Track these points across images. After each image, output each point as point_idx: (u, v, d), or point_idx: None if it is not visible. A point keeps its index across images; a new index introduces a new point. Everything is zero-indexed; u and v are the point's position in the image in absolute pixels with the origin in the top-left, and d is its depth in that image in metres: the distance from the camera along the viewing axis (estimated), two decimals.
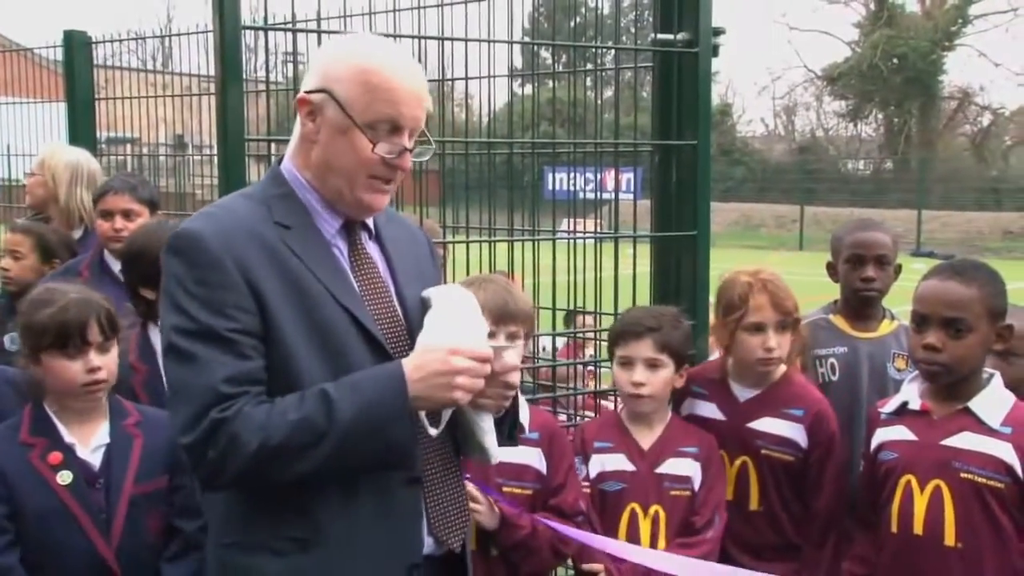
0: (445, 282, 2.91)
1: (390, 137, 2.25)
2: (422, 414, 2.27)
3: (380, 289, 2.42)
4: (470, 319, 2.39)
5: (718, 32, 3.89)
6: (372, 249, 2.47)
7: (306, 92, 2.27)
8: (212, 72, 3.33)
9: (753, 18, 71.03)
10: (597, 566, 3.32)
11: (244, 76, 3.24)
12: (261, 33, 3.57)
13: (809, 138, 48.93)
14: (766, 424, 3.50)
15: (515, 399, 2.56)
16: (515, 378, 2.37)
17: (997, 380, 3.19)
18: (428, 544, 2.42)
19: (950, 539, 3.07)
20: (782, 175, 40.68)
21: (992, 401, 3.15)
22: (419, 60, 3.52)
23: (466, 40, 3.81)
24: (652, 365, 3.38)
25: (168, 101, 7.47)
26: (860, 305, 3.97)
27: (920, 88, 44.65)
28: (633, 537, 3.36)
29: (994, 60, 61.10)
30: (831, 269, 4.06)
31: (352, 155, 2.25)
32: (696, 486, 3.41)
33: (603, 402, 4.35)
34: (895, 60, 44.02)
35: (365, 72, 2.22)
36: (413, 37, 3.75)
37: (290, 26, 3.88)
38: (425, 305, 2.43)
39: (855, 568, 3.33)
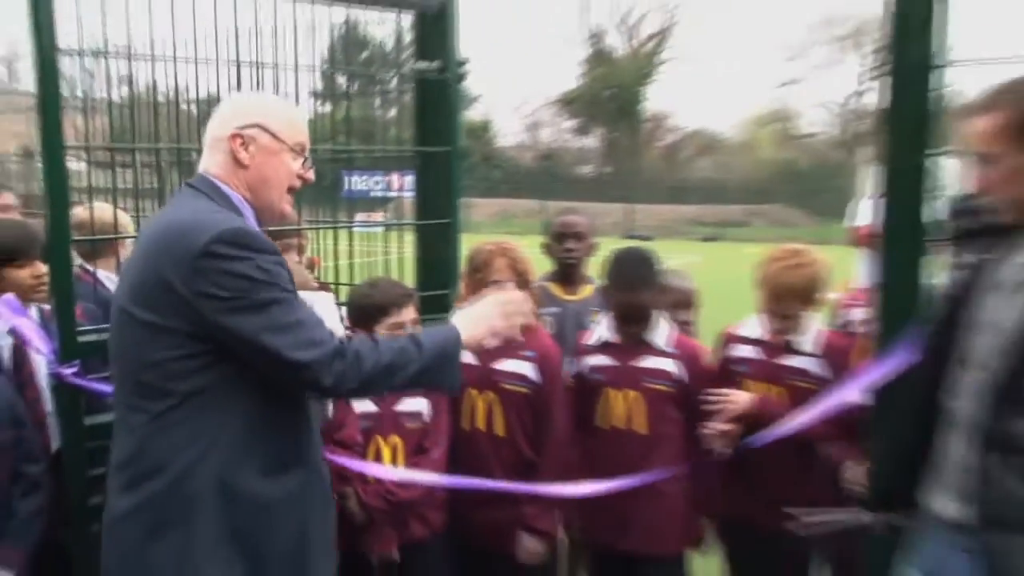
0: None
1: (299, 157, 2.35)
2: None
3: None
4: (333, 320, 2.58)
5: (463, 62, 3.80)
6: None
7: (238, 129, 2.28)
8: None
9: (506, 53, 71.64)
10: (348, 489, 3.15)
11: (87, 94, 3.19)
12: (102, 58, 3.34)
13: (549, 148, 49.66)
14: (507, 364, 3.39)
15: None
16: None
17: (662, 318, 3.48)
18: None
19: (641, 429, 3.37)
20: (530, 177, 41.25)
21: (660, 332, 3.43)
22: (237, 84, 3.45)
23: (275, 66, 3.52)
24: (416, 323, 3.25)
25: (16, 116, 6.81)
26: (566, 272, 4.09)
27: (628, 112, 46.09)
28: (379, 462, 3.25)
29: (678, 93, 63.89)
30: (546, 247, 4.17)
31: (284, 169, 2.33)
32: (426, 419, 3.30)
33: None
34: (611, 90, 45.25)
35: (287, 112, 2.37)
36: (233, 63, 3.45)
37: (102, 51, 3.54)
38: None
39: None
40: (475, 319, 2.38)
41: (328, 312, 2.40)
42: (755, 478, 3.37)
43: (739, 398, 3.29)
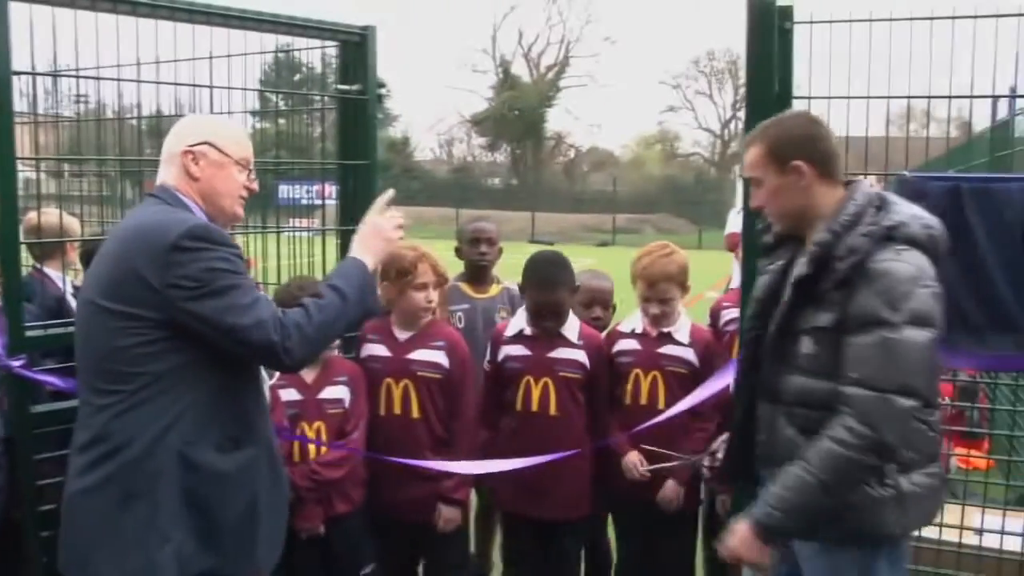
0: None
1: (244, 170, 2.41)
2: None
3: None
4: None
5: (382, 85, 3.85)
6: None
7: (189, 146, 2.33)
8: None
9: (424, 78, 71.29)
10: None
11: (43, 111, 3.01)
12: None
13: (462, 162, 49.59)
14: (420, 354, 3.43)
15: None
16: None
17: (572, 314, 3.54)
18: None
19: (553, 411, 3.44)
20: (444, 188, 41.09)
21: (571, 326, 3.50)
22: (180, 103, 3.49)
23: (211, 87, 3.46)
24: None
25: None
26: (477, 273, 4.15)
27: (532, 132, 46.35)
28: (304, 446, 3.27)
29: (575, 116, 64.54)
30: (458, 251, 4.23)
31: (232, 181, 2.38)
32: (347, 405, 3.32)
33: None
34: (516, 111, 45.45)
35: (232, 130, 2.44)
36: (176, 84, 3.40)
37: (53, 71, 3.47)
38: None
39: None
40: (368, 244, 2.48)
41: None
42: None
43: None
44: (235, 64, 3.45)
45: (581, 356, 3.47)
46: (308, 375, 3.31)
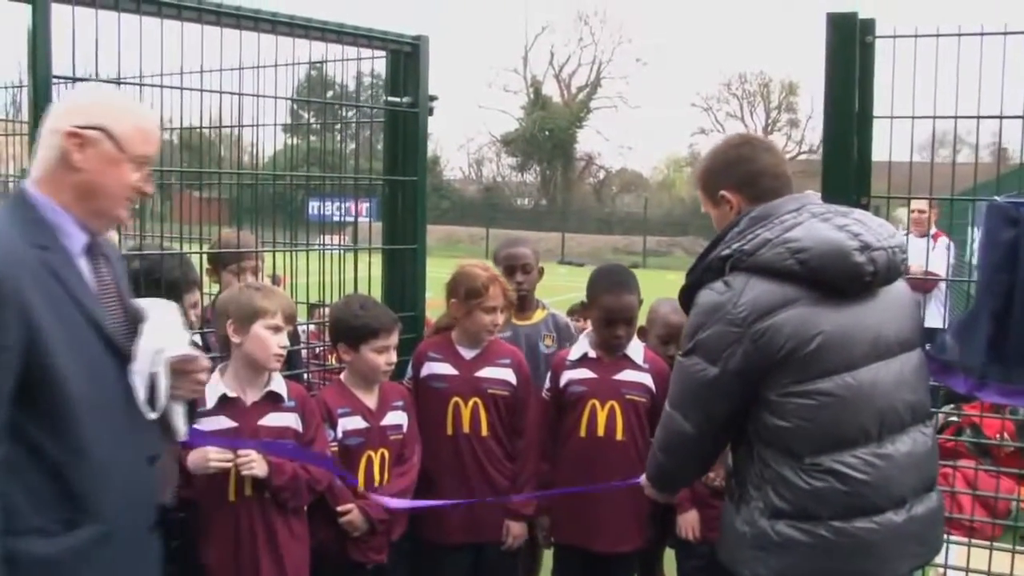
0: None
1: (140, 169, 2.00)
2: (141, 399, 1.97)
3: (114, 300, 2.04)
4: (175, 328, 2.14)
5: (433, 98, 3.65)
6: (103, 263, 2.06)
7: (76, 128, 1.89)
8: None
9: (454, 96, 71.71)
10: (348, 505, 3.05)
11: None
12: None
13: (492, 182, 49.57)
14: (489, 371, 3.37)
15: (270, 376, 2.62)
16: (205, 377, 2.16)
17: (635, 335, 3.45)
18: None
19: (620, 436, 3.31)
20: (474, 207, 41.07)
21: (636, 349, 3.40)
22: (218, 112, 3.25)
23: (256, 96, 3.30)
24: (396, 349, 3.20)
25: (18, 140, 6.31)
26: (519, 301, 3.87)
27: (562, 152, 46.25)
28: (369, 475, 3.13)
29: (606, 137, 64.60)
30: None
31: (121, 181, 1.96)
32: (405, 430, 3.23)
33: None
34: (547, 132, 45.40)
35: (139, 119, 2.00)
36: (222, 93, 3.23)
37: (93, 79, 3.32)
38: (139, 313, 2.10)
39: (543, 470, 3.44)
40: None
41: (168, 323, 2.13)
42: None
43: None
44: (269, 75, 3.31)
45: (647, 379, 3.36)
46: (370, 401, 3.19)
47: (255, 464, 2.74)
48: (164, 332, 2.06)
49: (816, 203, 2.27)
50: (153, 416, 2.03)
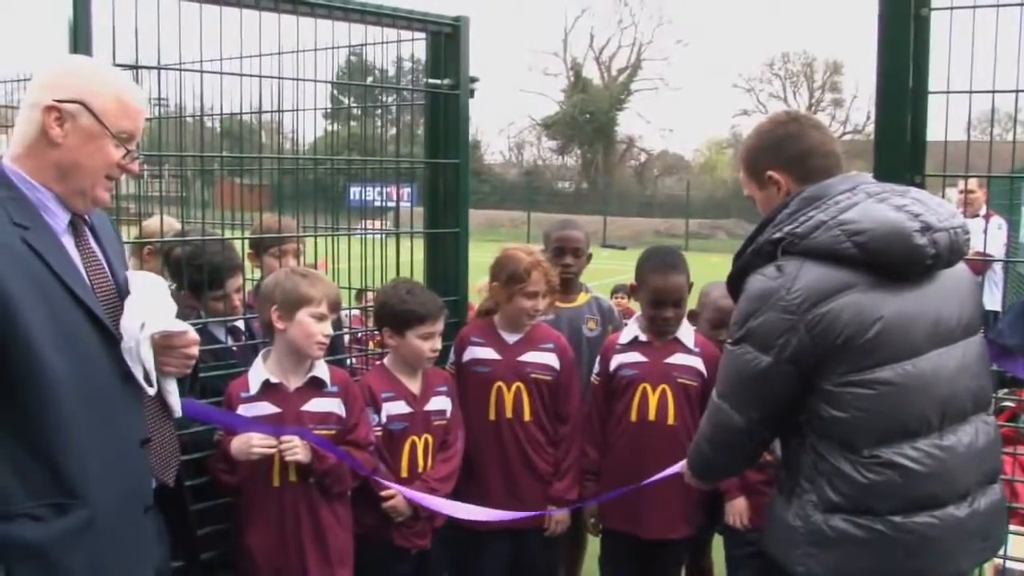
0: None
1: (125, 145, 1.94)
2: (140, 378, 1.93)
3: (103, 277, 2.00)
4: (161, 303, 2.07)
5: (474, 80, 3.59)
6: (91, 240, 2.02)
7: (57, 101, 1.85)
8: None
9: (494, 80, 71.44)
10: (391, 491, 3.02)
11: None
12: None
13: (532, 165, 49.42)
14: (532, 356, 3.35)
15: (313, 361, 2.61)
16: (195, 351, 2.08)
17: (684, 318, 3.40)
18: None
19: (672, 421, 3.27)
20: (515, 191, 40.98)
21: (687, 332, 3.35)
22: (259, 98, 3.18)
23: (296, 80, 3.25)
24: (441, 335, 3.17)
25: None
26: (563, 283, 3.78)
27: (603, 135, 45.99)
28: (413, 460, 3.11)
29: (647, 119, 64.01)
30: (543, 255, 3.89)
31: (101, 157, 1.90)
32: (448, 416, 3.20)
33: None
34: (587, 115, 45.13)
35: (120, 92, 1.92)
36: (253, 77, 3.16)
37: (133, 66, 3.32)
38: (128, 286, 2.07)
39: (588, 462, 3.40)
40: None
41: (154, 296, 2.07)
42: None
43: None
44: (309, 60, 3.26)
45: (698, 363, 3.32)
46: (414, 386, 3.18)
47: (299, 450, 2.73)
48: (147, 306, 1.99)
49: (870, 182, 2.16)
50: (152, 391, 1.99)
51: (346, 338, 3.83)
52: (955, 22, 2.75)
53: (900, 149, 2.80)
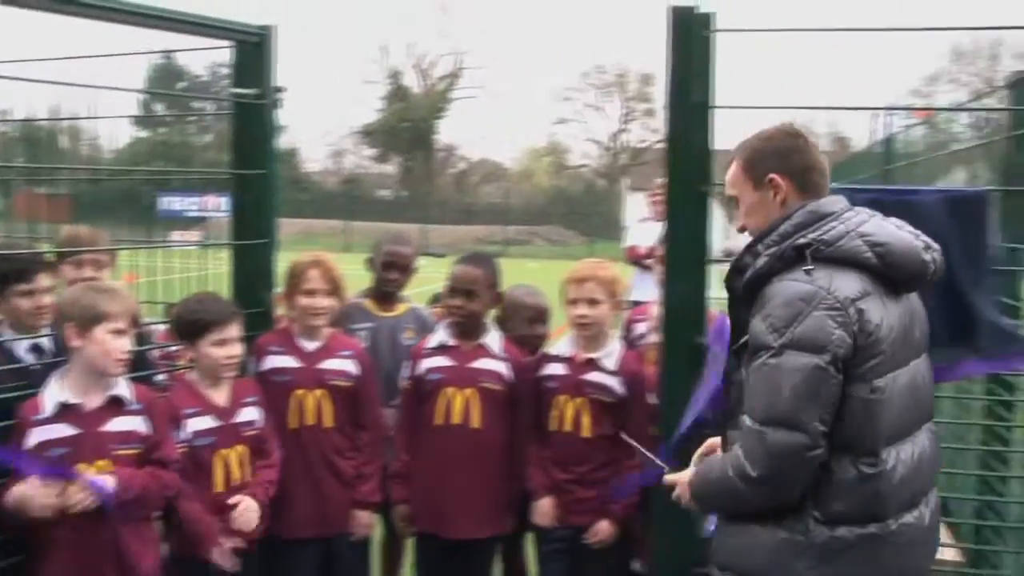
0: None
1: None
2: None
3: None
4: None
5: (280, 89, 3.53)
6: None
7: None
8: None
9: (310, 88, 69.95)
10: (238, 497, 3.04)
11: None
12: None
13: (352, 173, 48.78)
14: (331, 363, 3.37)
15: (114, 380, 2.47)
16: None
17: (492, 324, 3.48)
18: None
19: (477, 424, 3.34)
20: (334, 199, 40.33)
21: (493, 338, 3.44)
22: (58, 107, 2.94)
23: (91, 86, 3.11)
24: (241, 341, 3.12)
25: None
26: (385, 295, 3.93)
27: (422, 143, 46.08)
28: (228, 473, 3.07)
29: (466, 127, 64.80)
30: (370, 263, 3.98)
31: None
32: (260, 424, 3.18)
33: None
34: (406, 123, 45.09)
35: None
36: (66, 84, 3.04)
37: None
38: None
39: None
40: None
41: None
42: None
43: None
44: (114, 66, 3.14)
45: (504, 368, 3.40)
46: (220, 398, 3.10)
47: (86, 500, 2.56)
48: None
49: (857, 207, 2.24)
50: None
51: (156, 353, 3.68)
52: (744, 44, 3.01)
53: (687, 160, 3.02)
